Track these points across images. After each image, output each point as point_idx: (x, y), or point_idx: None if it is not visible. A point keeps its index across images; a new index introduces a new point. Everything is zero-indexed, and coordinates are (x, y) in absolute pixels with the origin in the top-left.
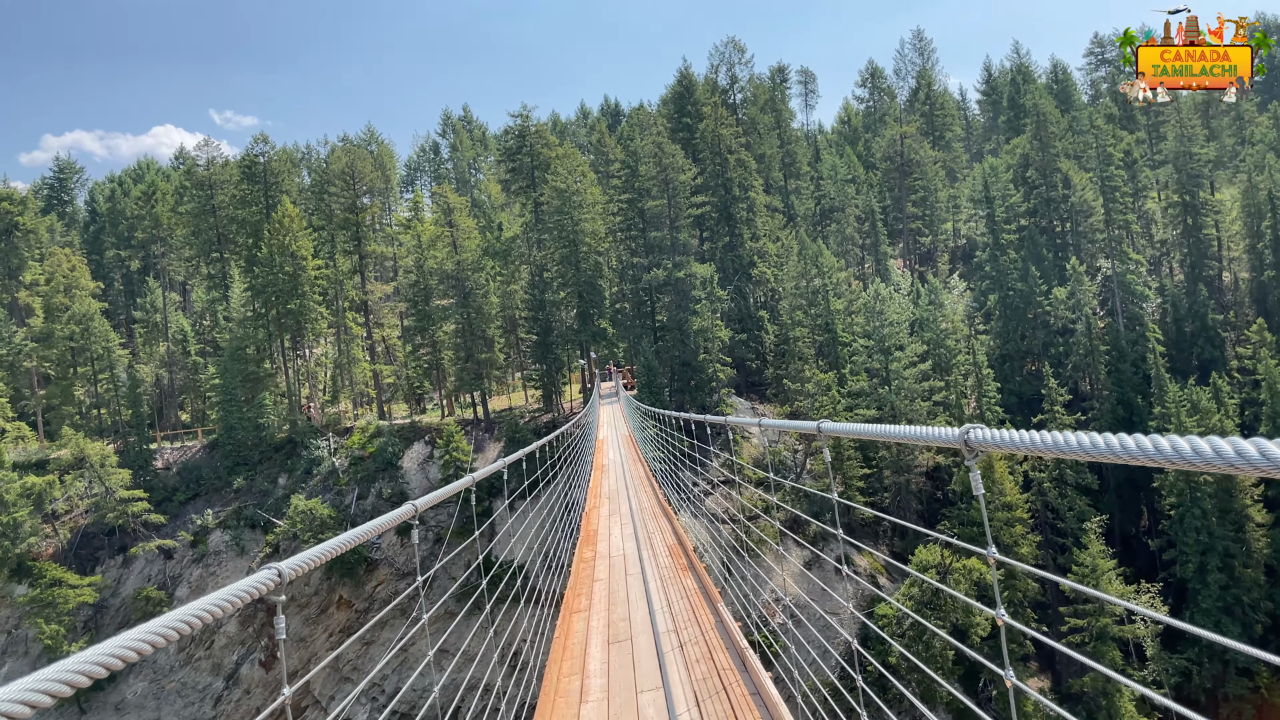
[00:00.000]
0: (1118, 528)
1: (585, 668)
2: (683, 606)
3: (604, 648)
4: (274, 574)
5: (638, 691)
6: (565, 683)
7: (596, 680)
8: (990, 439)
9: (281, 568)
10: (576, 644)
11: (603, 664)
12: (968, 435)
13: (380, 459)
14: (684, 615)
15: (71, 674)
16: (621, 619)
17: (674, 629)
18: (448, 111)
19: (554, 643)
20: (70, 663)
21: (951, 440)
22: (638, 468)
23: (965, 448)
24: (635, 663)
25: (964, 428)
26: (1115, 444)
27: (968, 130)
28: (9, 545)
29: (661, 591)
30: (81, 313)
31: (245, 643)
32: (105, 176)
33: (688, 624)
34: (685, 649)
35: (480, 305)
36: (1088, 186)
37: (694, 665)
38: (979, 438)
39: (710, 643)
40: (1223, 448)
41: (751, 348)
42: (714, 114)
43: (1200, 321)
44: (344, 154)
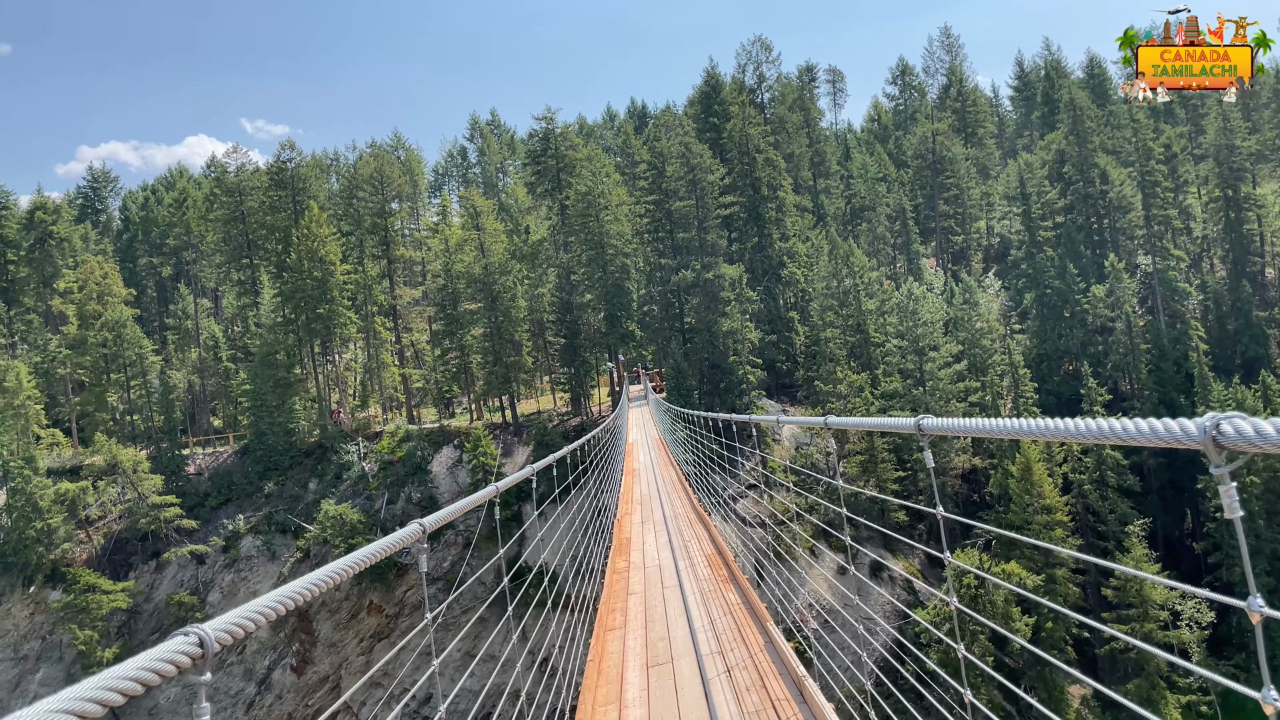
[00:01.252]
0: (1160, 531)
1: (622, 696)
2: (727, 624)
3: (642, 672)
4: (194, 643)
5: None
6: (601, 712)
7: (635, 711)
8: (939, 425)
9: (205, 633)
10: (612, 667)
11: (641, 691)
12: (920, 422)
13: (409, 463)
14: (729, 635)
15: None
16: (660, 638)
17: (719, 651)
18: (475, 116)
19: (588, 665)
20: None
21: (907, 428)
22: (669, 471)
23: (919, 432)
24: (678, 691)
25: (917, 416)
26: (1051, 426)
27: (1000, 127)
28: (43, 551)
29: (702, 607)
30: (114, 320)
31: (277, 648)
32: (138, 185)
33: (734, 645)
34: (733, 674)
35: (508, 309)
36: (1126, 182)
37: (744, 695)
38: (930, 424)
39: (761, 668)
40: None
41: (782, 349)
42: (741, 113)
43: (1244, 318)
44: (372, 159)
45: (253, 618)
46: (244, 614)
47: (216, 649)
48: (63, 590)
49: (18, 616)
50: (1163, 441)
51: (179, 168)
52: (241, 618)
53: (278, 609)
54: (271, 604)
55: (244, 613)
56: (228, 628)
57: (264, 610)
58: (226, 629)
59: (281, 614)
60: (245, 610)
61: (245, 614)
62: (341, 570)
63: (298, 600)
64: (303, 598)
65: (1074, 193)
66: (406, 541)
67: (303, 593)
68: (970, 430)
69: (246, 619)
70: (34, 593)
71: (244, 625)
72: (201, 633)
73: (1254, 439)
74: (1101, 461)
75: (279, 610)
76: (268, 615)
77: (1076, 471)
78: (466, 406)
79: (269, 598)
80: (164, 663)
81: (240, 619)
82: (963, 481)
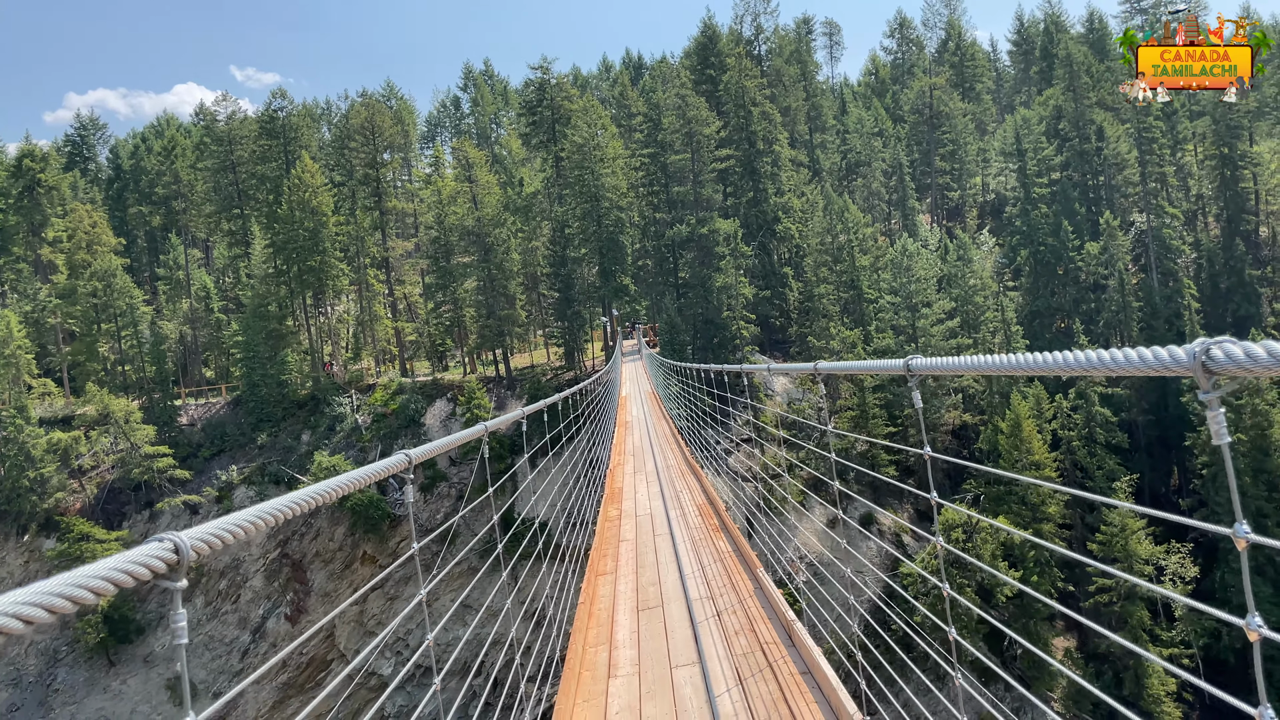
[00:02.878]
0: (1148, 487)
1: (613, 637)
2: (717, 571)
3: (632, 615)
4: (169, 549)
5: (671, 666)
6: (591, 654)
7: (625, 652)
8: (927, 365)
9: (181, 540)
10: (603, 610)
11: (632, 633)
12: (909, 363)
13: (403, 416)
14: (719, 581)
15: None
16: (651, 583)
17: (709, 596)
18: (469, 65)
19: (579, 608)
20: None
21: (896, 368)
22: (662, 424)
23: (908, 372)
24: (667, 633)
25: (907, 357)
26: (1039, 360)
27: (998, 82)
28: (37, 500)
29: (692, 554)
30: (104, 269)
31: (271, 597)
32: (128, 134)
33: (723, 590)
34: (722, 618)
35: (501, 262)
36: (1122, 138)
37: (733, 638)
38: (919, 364)
39: (750, 612)
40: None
41: (776, 305)
42: (738, 65)
43: (1237, 277)
44: (363, 109)
45: (232, 530)
46: (223, 525)
47: (193, 557)
48: (57, 539)
49: (12, 565)
50: (1152, 370)
51: (168, 116)
52: (220, 528)
53: (258, 523)
54: (252, 518)
55: (224, 524)
56: (205, 537)
57: (244, 524)
58: (204, 538)
59: (261, 528)
60: (224, 521)
61: (225, 525)
62: (325, 492)
63: (278, 516)
64: (282, 515)
65: (1070, 149)
66: (393, 469)
67: (283, 510)
68: (958, 368)
69: (225, 530)
70: (28, 541)
71: (222, 537)
72: (178, 539)
73: (1243, 362)
74: (1090, 418)
75: (259, 525)
76: (248, 529)
77: (1065, 428)
78: (460, 360)
79: (249, 512)
80: (138, 565)
81: (219, 530)
82: (953, 437)
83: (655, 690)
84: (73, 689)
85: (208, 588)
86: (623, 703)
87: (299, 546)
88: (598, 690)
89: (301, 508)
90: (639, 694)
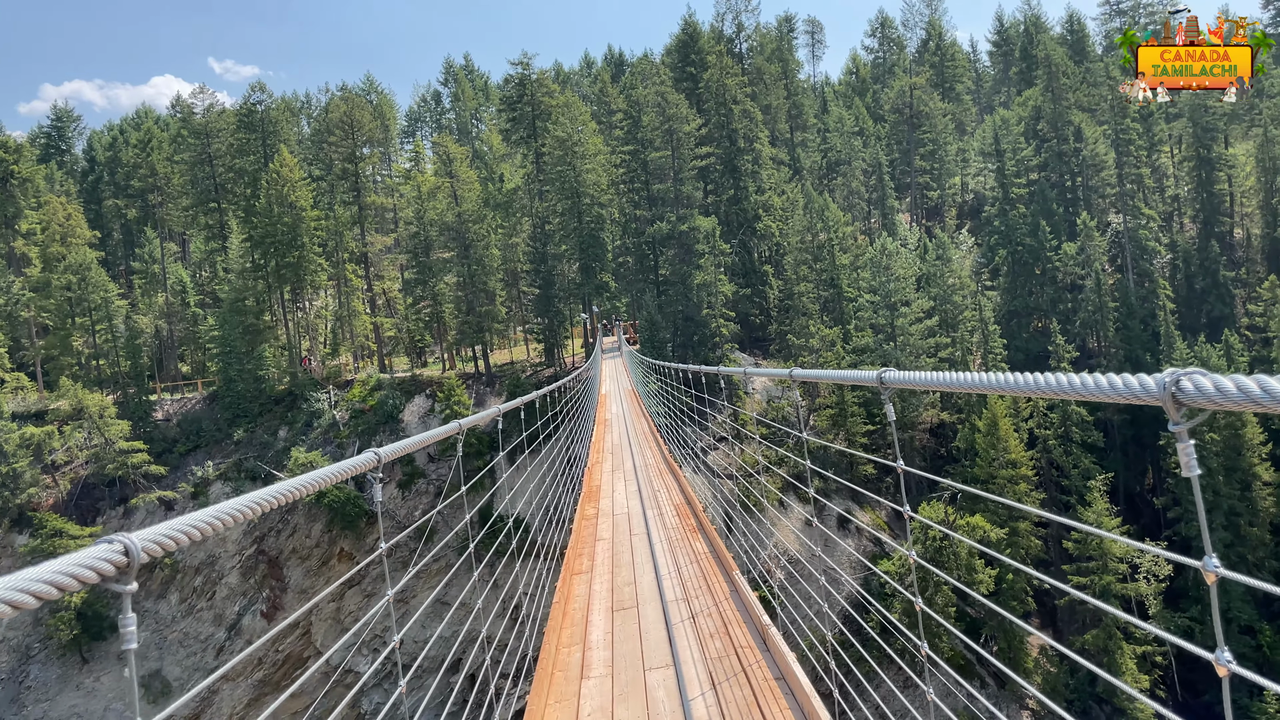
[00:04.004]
0: (1122, 486)
1: (587, 637)
2: (693, 572)
3: (607, 615)
4: (119, 550)
5: (645, 669)
6: (564, 654)
7: (599, 653)
8: (901, 378)
9: (131, 542)
10: (577, 610)
11: (606, 634)
12: (883, 375)
13: (381, 412)
14: (695, 583)
15: None
16: (626, 583)
17: (684, 598)
18: (449, 60)
19: (554, 607)
20: None
21: (870, 380)
22: (641, 422)
23: (881, 385)
24: (642, 634)
25: (880, 369)
26: (1013, 380)
27: (978, 83)
28: (9, 495)
29: (669, 555)
30: (78, 262)
31: (247, 594)
32: (104, 125)
33: (699, 593)
34: (697, 621)
35: (481, 257)
36: (1100, 140)
37: (708, 641)
38: (892, 377)
39: (725, 615)
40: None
41: (755, 303)
42: (719, 63)
43: (1211, 278)
44: (343, 103)
45: (186, 531)
46: (177, 526)
47: (143, 559)
48: (30, 535)
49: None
50: (1122, 397)
51: (145, 108)
52: (174, 530)
53: (215, 524)
54: (209, 519)
55: (178, 525)
56: (157, 539)
57: (199, 525)
58: (156, 540)
59: (219, 528)
60: (179, 523)
61: (178, 526)
62: (289, 491)
63: (236, 517)
64: (241, 515)
65: (1048, 150)
66: (362, 468)
67: (242, 510)
68: (932, 384)
69: (179, 531)
70: (0, 536)
71: (175, 538)
72: (128, 541)
73: (1213, 395)
74: (1066, 418)
75: (215, 526)
76: (204, 530)
77: (1042, 427)
78: (439, 356)
79: (206, 512)
80: (85, 568)
81: (172, 531)
82: (930, 436)
83: (628, 693)
84: (45, 686)
85: (182, 584)
86: (595, 704)
87: (275, 543)
88: (570, 691)
89: (262, 507)
90: (611, 696)
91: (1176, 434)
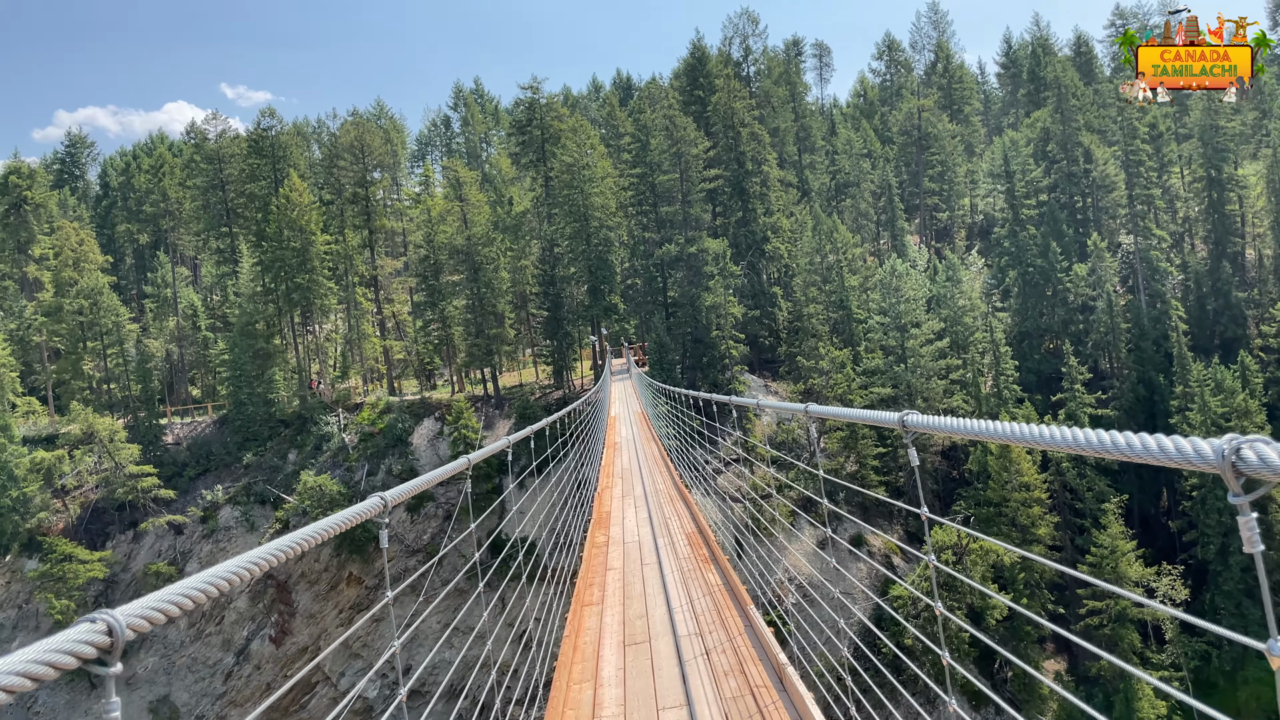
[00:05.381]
0: (1137, 508)
1: (598, 674)
2: (706, 605)
3: (619, 651)
4: (101, 631)
5: (659, 708)
6: (576, 691)
7: (611, 691)
8: (924, 423)
9: (115, 620)
10: (588, 644)
11: (618, 670)
12: (905, 418)
13: (390, 435)
14: (708, 617)
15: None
16: (638, 616)
17: (698, 632)
18: (459, 85)
19: (564, 641)
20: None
21: (891, 423)
22: (651, 446)
23: (902, 429)
24: (655, 671)
25: (902, 412)
26: (1048, 434)
27: (986, 104)
28: (19, 520)
29: (681, 587)
30: (90, 287)
31: (255, 619)
32: (116, 151)
33: (713, 628)
34: (711, 658)
35: (490, 280)
36: (1110, 161)
37: (722, 680)
38: (914, 421)
39: (740, 652)
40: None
41: (765, 324)
42: (727, 86)
43: (1224, 299)
44: (353, 128)
45: (177, 602)
46: (162, 599)
47: (129, 637)
48: (39, 559)
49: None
50: (1173, 463)
51: (159, 134)
52: (160, 602)
53: (200, 595)
54: (195, 589)
55: (162, 597)
56: (144, 613)
57: (185, 596)
58: (142, 615)
59: (203, 601)
60: (164, 595)
61: (163, 599)
62: (286, 549)
63: (223, 586)
64: (230, 582)
65: (1058, 171)
66: (366, 515)
67: (230, 577)
68: (957, 431)
69: (167, 603)
70: (10, 561)
71: (164, 611)
72: (111, 620)
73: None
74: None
75: (201, 597)
76: (185, 605)
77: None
78: (448, 379)
79: (191, 582)
80: (63, 654)
81: (157, 605)
82: (942, 458)
83: None
84: (54, 712)
85: (191, 609)
86: None
87: (284, 567)
88: None
89: (255, 570)
90: None
91: (1238, 507)
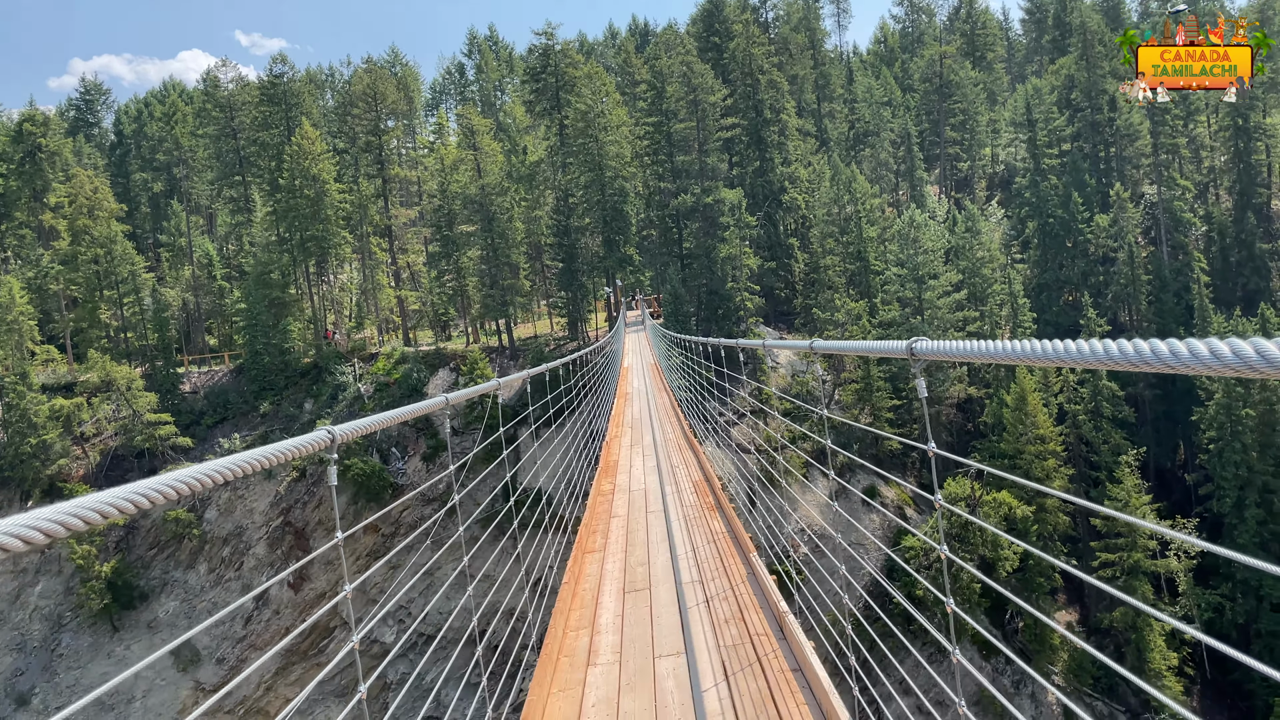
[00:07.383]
0: (1153, 462)
1: (596, 621)
2: (709, 553)
3: (618, 597)
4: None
5: (655, 656)
6: (571, 638)
7: (608, 638)
8: (933, 348)
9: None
10: (588, 590)
11: (616, 617)
12: (914, 345)
13: (405, 385)
14: (711, 564)
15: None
16: (640, 563)
17: (699, 580)
18: (473, 31)
19: (563, 588)
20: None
21: (899, 351)
22: (663, 396)
23: (911, 357)
24: (654, 618)
25: (910, 340)
26: (1041, 349)
27: (1010, 51)
28: (39, 466)
29: (685, 533)
30: (105, 235)
31: (275, 564)
32: (131, 99)
33: (715, 575)
34: (712, 605)
35: (504, 231)
36: (1135, 109)
37: (722, 627)
38: (923, 348)
39: (741, 600)
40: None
41: (781, 276)
42: (745, 32)
43: (1247, 250)
44: (366, 75)
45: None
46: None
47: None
48: None
49: None
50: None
51: (173, 82)
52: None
53: (153, 497)
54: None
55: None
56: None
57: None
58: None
59: (158, 501)
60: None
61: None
62: (224, 470)
63: (170, 494)
64: (181, 490)
65: (1081, 120)
66: (311, 446)
67: (187, 482)
68: (965, 355)
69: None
70: (31, 507)
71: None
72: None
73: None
74: (1097, 393)
75: (155, 499)
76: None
77: (1071, 402)
78: (463, 329)
79: (151, 482)
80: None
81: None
82: (957, 410)
83: (636, 682)
84: (77, 654)
85: (210, 555)
86: (600, 695)
87: (301, 515)
88: (575, 679)
89: (201, 484)
90: (618, 685)
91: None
